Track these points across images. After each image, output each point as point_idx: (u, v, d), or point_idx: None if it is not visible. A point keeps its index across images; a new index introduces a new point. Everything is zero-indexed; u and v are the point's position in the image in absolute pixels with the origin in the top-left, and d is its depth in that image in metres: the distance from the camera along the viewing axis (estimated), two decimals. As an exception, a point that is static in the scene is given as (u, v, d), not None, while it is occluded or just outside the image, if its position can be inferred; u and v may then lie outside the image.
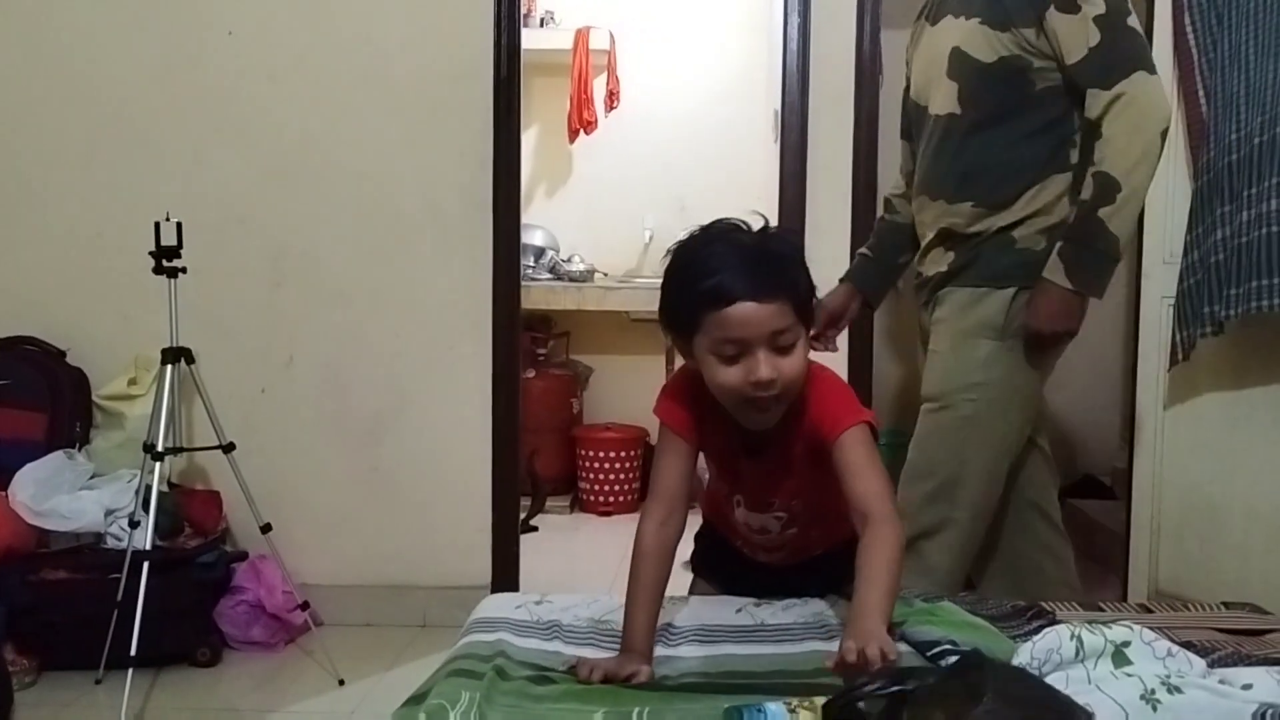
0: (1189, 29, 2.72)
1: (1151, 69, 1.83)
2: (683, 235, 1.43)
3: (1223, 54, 2.64)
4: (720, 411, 1.44)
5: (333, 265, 3.05)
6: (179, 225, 2.59)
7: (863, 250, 2.26)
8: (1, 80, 3.05)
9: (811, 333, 2.01)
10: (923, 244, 2.06)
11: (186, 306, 2.64)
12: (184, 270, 2.60)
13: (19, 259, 3.06)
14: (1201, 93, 2.70)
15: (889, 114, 3.11)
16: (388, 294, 3.05)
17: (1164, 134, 1.78)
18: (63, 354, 3.01)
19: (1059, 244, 1.86)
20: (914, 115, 2.05)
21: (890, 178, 2.33)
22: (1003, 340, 1.93)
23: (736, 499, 1.60)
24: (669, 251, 1.44)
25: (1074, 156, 1.87)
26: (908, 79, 2.12)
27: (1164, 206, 2.76)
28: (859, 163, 2.95)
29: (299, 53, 3.02)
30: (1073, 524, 3.92)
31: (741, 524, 1.63)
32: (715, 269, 1.33)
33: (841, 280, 2.24)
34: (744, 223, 1.41)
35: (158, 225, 2.58)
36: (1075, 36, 1.77)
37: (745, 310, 1.30)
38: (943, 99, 1.91)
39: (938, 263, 2.00)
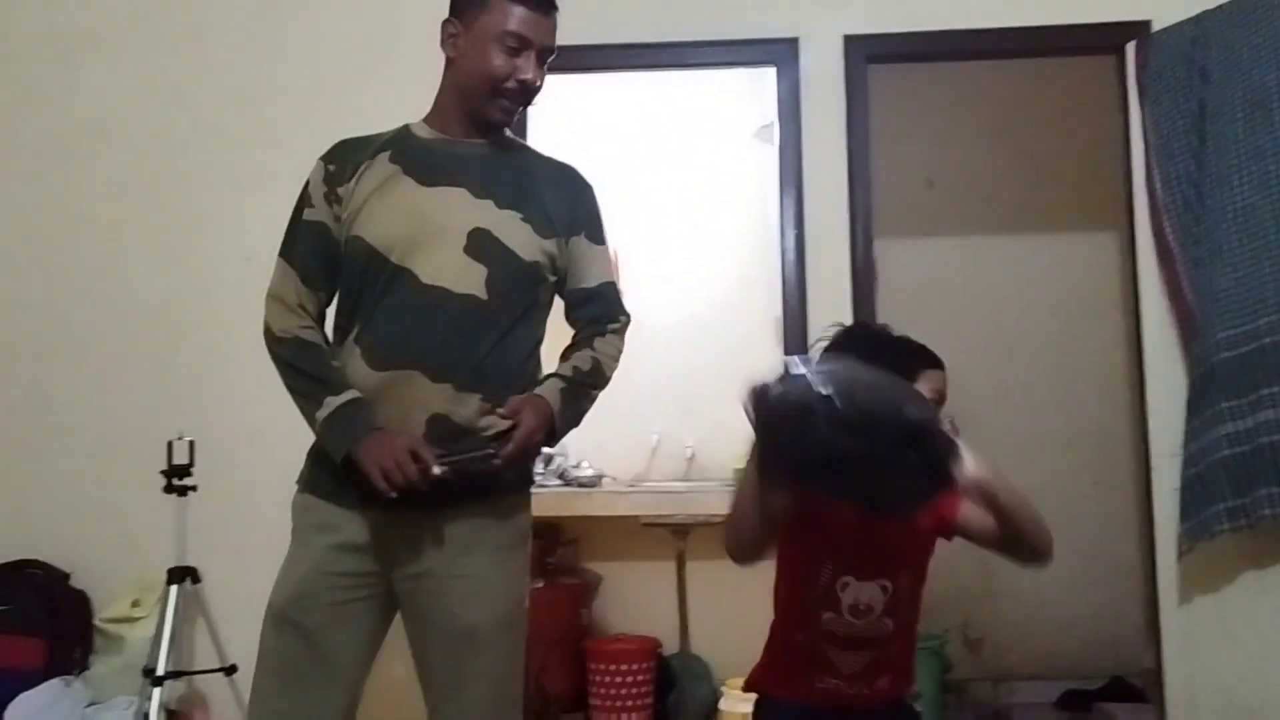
0: (1168, 229, 2.84)
1: None
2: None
3: (1204, 251, 2.73)
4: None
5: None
6: (191, 444, 2.62)
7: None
8: (17, 304, 3.17)
9: None
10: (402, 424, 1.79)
11: (193, 523, 2.63)
12: (194, 488, 2.61)
13: (28, 481, 3.08)
14: (1188, 287, 2.78)
15: (885, 318, 3.20)
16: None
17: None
18: (66, 576, 2.98)
19: (561, 383, 1.91)
20: (369, 263, 1.83)
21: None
22: (525, 546, 1.90)
23: (844, 580, 1.63)
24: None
25: (541, 372, 1.96)
26: (336, 217, 1.86)
27: (1165, 400, 2.78)
28: (859, 365, 2.99)
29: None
30: (1106, 730, 3.76)
31: (846, 608, 1.63)
32: None
33: None
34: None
35: (170, 444, 2.61)
36: (598, 265, 2.00)
37: None
38: (459, 277, 1.81)
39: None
